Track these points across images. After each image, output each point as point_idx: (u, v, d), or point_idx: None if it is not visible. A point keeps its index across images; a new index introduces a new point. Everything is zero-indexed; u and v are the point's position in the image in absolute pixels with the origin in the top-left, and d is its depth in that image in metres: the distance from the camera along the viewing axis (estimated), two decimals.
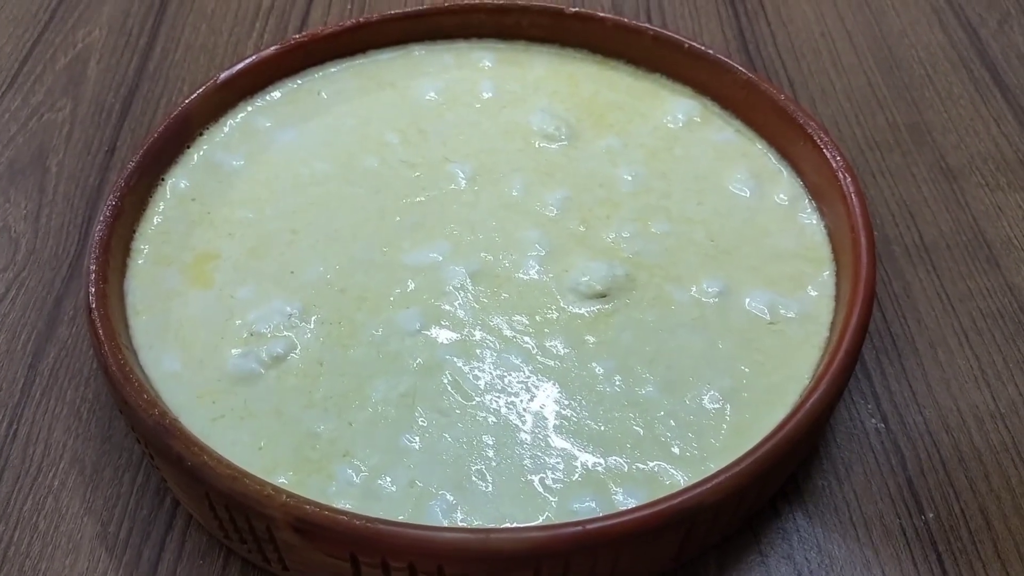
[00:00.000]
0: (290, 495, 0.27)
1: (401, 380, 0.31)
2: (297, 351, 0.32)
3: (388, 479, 0.29)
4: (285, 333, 0.33)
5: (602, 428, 0.30)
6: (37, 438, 0.34)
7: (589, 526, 0.26)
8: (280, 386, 0.32)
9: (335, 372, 0.32)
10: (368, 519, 0.26)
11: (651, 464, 0.30)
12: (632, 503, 0.29)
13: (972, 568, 0.31)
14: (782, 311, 0.34)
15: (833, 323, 0.33)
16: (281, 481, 0.29)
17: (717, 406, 0.31)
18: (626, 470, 0.30)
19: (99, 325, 0.31)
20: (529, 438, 0.30)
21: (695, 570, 0.31)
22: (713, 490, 0.27)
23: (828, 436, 0.34)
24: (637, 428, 0.30)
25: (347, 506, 0.28)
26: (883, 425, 0.35)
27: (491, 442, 0.30)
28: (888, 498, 0.33)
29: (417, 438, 0.30)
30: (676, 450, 0.30)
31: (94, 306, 0.31)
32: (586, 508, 0.29)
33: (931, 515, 0.32)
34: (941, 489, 0.33)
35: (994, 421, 0.35)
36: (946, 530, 0.32)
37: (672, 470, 0.30)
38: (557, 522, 0.27)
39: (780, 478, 0.32)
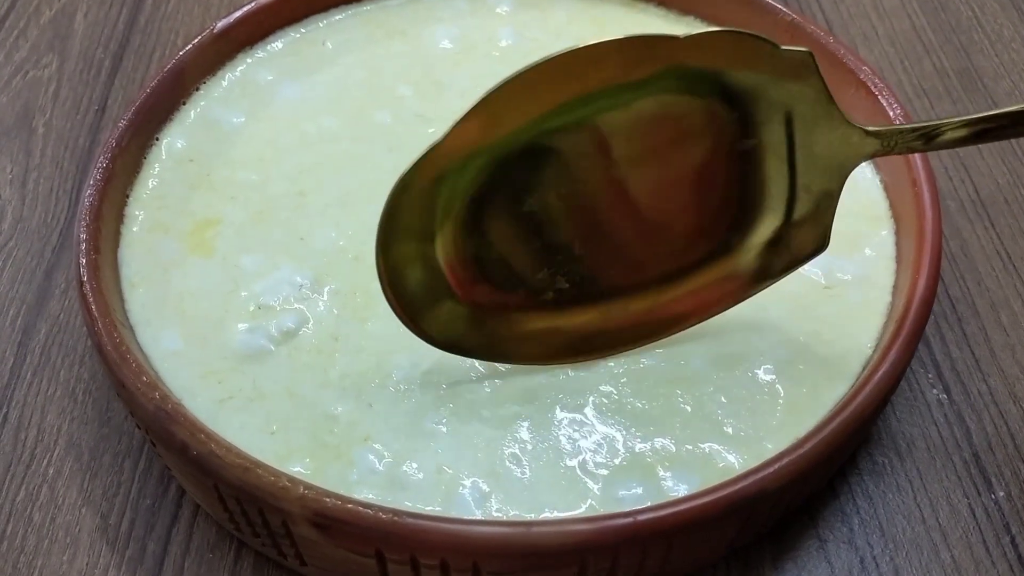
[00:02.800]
0: (308, 486, 0.24)
1: (425, 356, 0.29)
2: (309, 325, 0.30)
3: (414, 465, 0.27)
4: (296, 305, 0.30)
5: (646, 406, 0.28)
6: (29, 422, 0.32)
7: (640, 517, 0.24)
8: (292, 364, 0.29)
9: (352, 348, 0.29)
10: (395, 512, 0.24)
11: (702, 445, 0.27)
12: (683, 489, 0.26)
13: None
14: (838, 274, 0.31)
15: (896, 287, 0.30)
16: (296, 470, 0.26)
17: (771, 379, 0.28)
18: (674, 452, 0.27)
19: (92, 300, 0.28)
20: (567, 418, 0.28)
21: (749, 558, 0.28)
22: (776, 475, 0.25)
23: (887, 409, 0.31)
24: (685, 406, 0.28)
25: (370, 496, 0.26)
26: (945, 396, 0.32)
27: (526, 423, 0.27)
28: (954, 475, 0.30)
29: (444, 420, 0.28)
30: (729, 429, 0.27)
31: (85, 279, 0.28)
32: (632, 495, 0.26)
33: (1001, 493, 0.30)
34: (1011, 464, 0.30)
35: None
36: (1018, 509, 0.29)
37: (725, 452, 0.27)
38: (603, 512, 0.25)
39: (843, 458, 0.29)
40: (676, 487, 0.26)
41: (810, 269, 0.31)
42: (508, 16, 0.39)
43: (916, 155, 0.31)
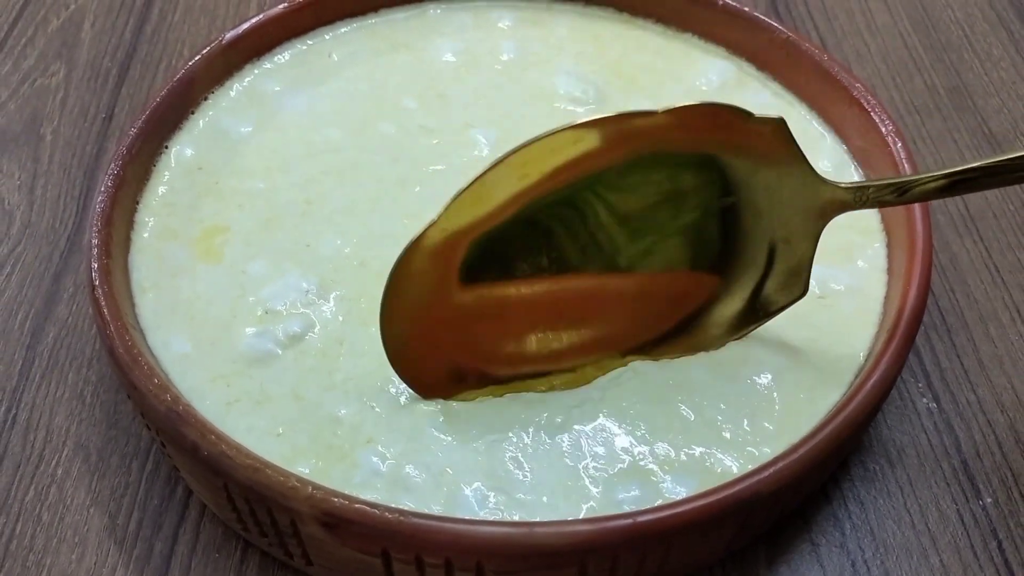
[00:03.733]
0: (316, 487, 0.25)
1: None
2: (316, 330, 0.30)
3: (416, 467, 0.27)
4: (302, 310, 0.31)
5: (647, 412, 0.28)
6: (38, 424, 0.32)
7: (640, 518, 0.24)
8: (298, 367, 0.29)
9: (357, 352, 0.30)
10: (402, 512, 0.24)
11: (700, 450, 0.28)
12: (681, 492, 0.27)
13: None
14: (832, 284, 0.32)
15: (887, 297, 0.31)
16: (302, 470, 0.27)
17: (769, 386, 0.29)
18: (673, 456, 0.28)
19: (104, 304, 0.29)
20: (568, 422, 0.28)
21: (744, 560, 0.29)
22: (771, 478, 0.25)
23: (879, 417, 0.32)
24: (686, 412, 0.28)
25: (376, 498, 0.26)
26: (935, 405, 0.33)
27: (527, 428, 0.28)
28: (943, 482, 0.31)
29: (446, 423, 0.28)
30: (727, 435, 0.28)
31: (97, 283, 0.29)
32: (632, 497, 0.27)
33: (989, 500, 0.30)
34: (999, 472, 0.31)
35: None
36: (1006, 516, 0.30)
37: (723, 456, 0.28)
38: (604, 514, 0.25)
39: (836, 463, 0.30)
40: (675, 489, 0.27)
41: None
42: (510, 30, 0.40)
43: (908, 171, 0.32)
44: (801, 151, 0.28)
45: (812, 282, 0.32)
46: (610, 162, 0.28)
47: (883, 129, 0.34)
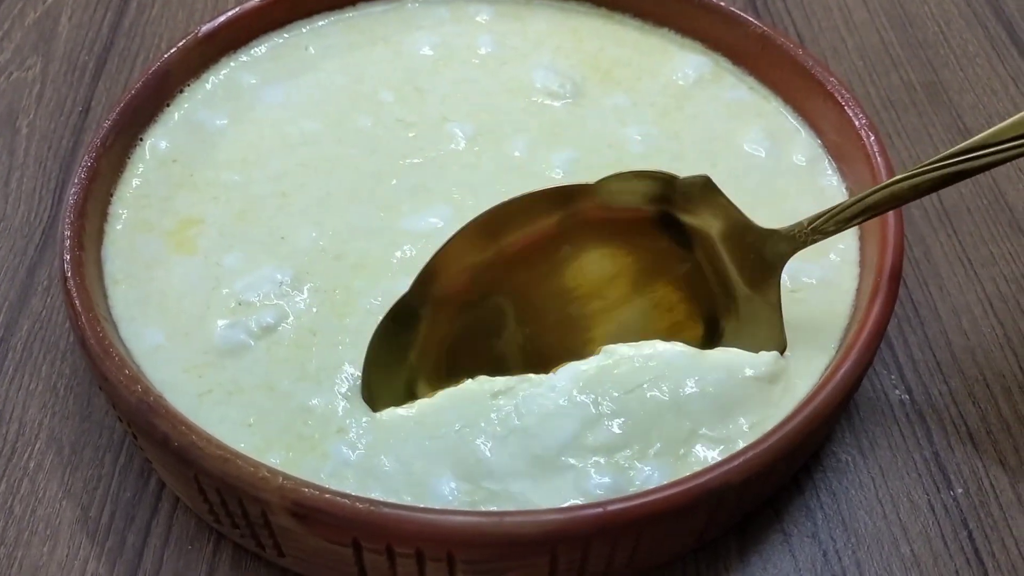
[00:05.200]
0: (287, 477, 0.25)
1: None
2: (289, 321, 0.30)
3: (387, 458, 0.27)
4: (275, 302, 0.31)
5: (621, 398, 0.28)
6: (11, 416, 0.32)
7: (609, 507, 0.25)
8: (270, 358, 0.29)
9: (329, 343, 0.30)
10: (372, 502, 0.24)
11: (677, 440, 0.28)
12: (655, 480, 0.27)
13: (1004, 545, 0.30)
14: (804, 278, 0.32)
15: (858, 290, 0.31)
16: (273, 461, 0.27)
17: (743, 379, 0.29)
18: (647, 444, 0.28)
19: (76, 295, 0.29)
20: (540, 410, 0.28)
21: (715, 551, 0.29)
22: (740, 468, 0.25)
23: (851, 409, 0.32)
24: (662, 399, 0.28)
25: (347, 488, 0.26)
26: (907, 396, 0.33)
27: (496, 415, 0.28)
28: (915, 473, 0.31)
29: (415, 412, 0.28)
30: (702, 427, 0.28)
31: (70, 275, 0.29)
32: (603, 484, 0.27)
33: (960, 490, 0.31)
34: (970, 463, 0.31)
35: (1022, 391, 0.33)
36: (976, 506, 0.30)
37: (697, 446, 0.28)
38: (575, 503, 0.25)
39: (806, 454, 0.30)
40: (649, 478, 0.27)
41: None
42: (488, 24, 0.40)
43: (881, 164, 0.33)
44: (732, 203, 0.29)
45: (784, 276, 0.32)
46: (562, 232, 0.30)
47: (857, 123, 0.34)
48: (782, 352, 0.30)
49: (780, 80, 0.37)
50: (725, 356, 0.29)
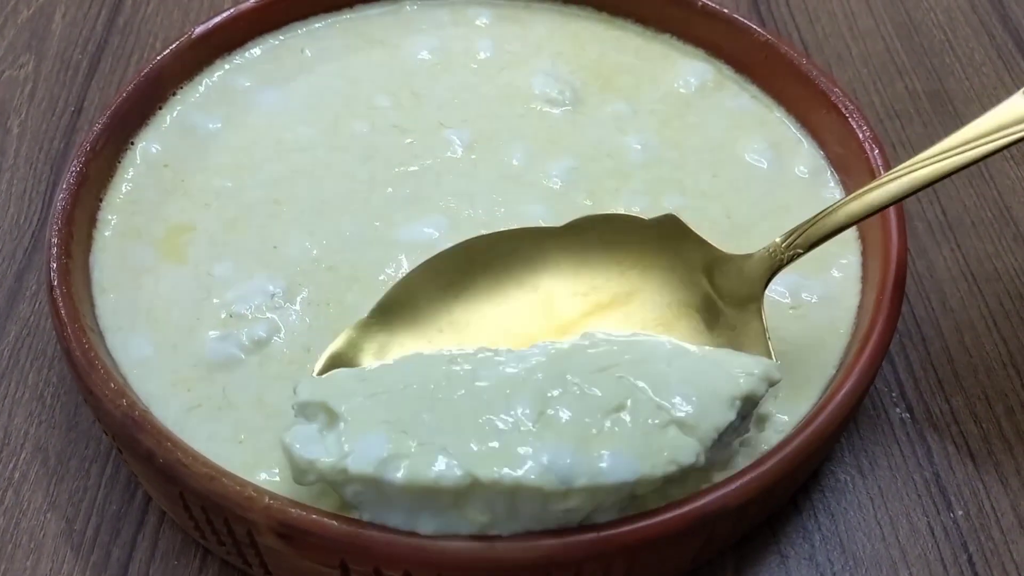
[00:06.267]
0: (273, 496, 0.24)
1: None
2: (281, 334, 0.30)
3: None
4: (268, 315, 0.30)
5: (593, 375, 0.26)
6: None
7: (604, 532, 0.24)
8: (262, 373, 0.29)
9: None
10: (361, 524, 0.24)
11: (655, 433, 0.26)
12: (615, 464, 0.24)
13: (1005, 570, 0.29)
14: (804, 295, 0.31)
15: (860, 307, 0.31)
16: (263, 478, 0.26)
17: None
18: (618, 432, 0.25)
19: (61, 305, 0.28)
20: (498, 377, 0.26)
21: (711, 572, 0.29)
22: (738, 492, 0.25)
23: (851, 427, 0.32)
24: (637, 381, 0.26)
25: (338, 508, 0.26)
26: (908, 415, 0.32)
27: (447, 379, 0.26)
28: (915, 494, 0.31)
29: (362, 370, 0.27)
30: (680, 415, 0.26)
31: (56, 283, 0.28)
32: (561, 458, 0.23)
33: (960, 512, 0.30)
34: (971, 484, 0.31)
35: None
36: (976, 529, 0.30)
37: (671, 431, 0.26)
38: (567, 527, 0.25)
39: (805, 475, 0.30)
40: (611, 465, 0.24)
41: (776, 289, 0.31)
42: (487, 28, 0.40)
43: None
44: (700, 237, 0.29)
45: (784, 292, 0.31)
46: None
47: (861, 135, 0.33)
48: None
49: (783, 89, 0.37)
50: (715, 352, 0.28)
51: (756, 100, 0.37)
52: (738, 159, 0.35)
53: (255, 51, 0.38)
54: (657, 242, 0.29)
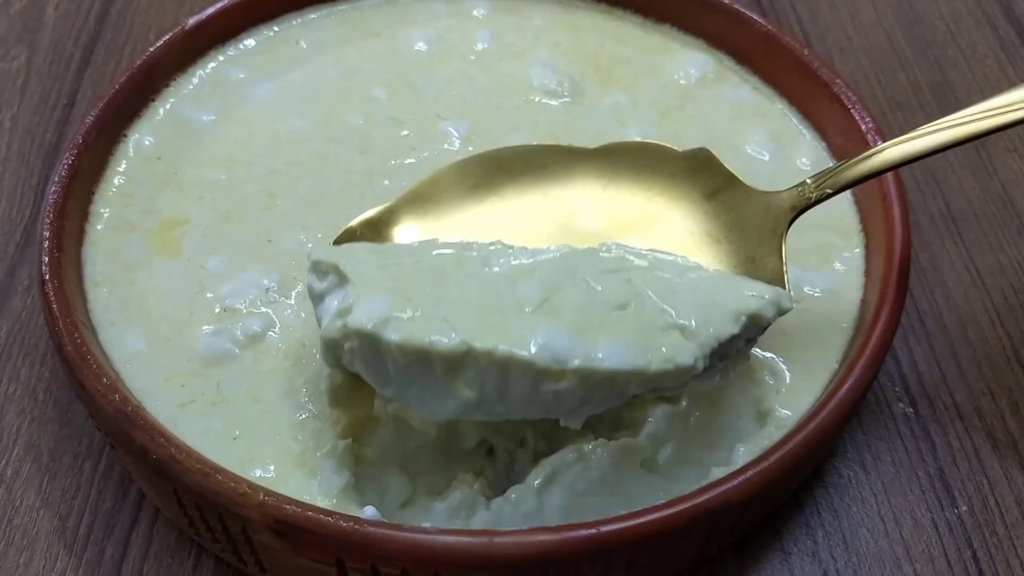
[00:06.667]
0: (269, 493, 0.24)
1: None
2: (276, 329, 0.29)
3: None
4: (262, 309, 0.30)
5: (605, 275, 0.26)
6: None
7: (604, 528, 0.24)
8: (257, 368, 0.28)
9: (319, 353, 0.29)
10: (357, 520, 0.24)
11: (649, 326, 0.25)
12: (612, 356, 0.24)
13: (1009, 566, 0.29)
14: (806, 289, 0.31)
15: (864, 301, 0.30)
16: (258, 474, 0.26)
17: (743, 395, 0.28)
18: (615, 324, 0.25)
19: (53, 299, 0.28)
20: (509, 267, 0.26)
21: (712, 569, 0.28)
22: (740, 487, 0.25)
23: (854, 422, 0.32)
24: (647, 287, 0.26)
25: (336, 505, 0.25)
26: (912, 410, 0.32)
27: (458, 263, 0.26)
28: (919, 489, 0.30)
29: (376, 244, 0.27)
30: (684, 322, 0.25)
31: (47, 278, 0.28)
32: (559, 341, 0.24)
33: (964, 508, 0.30)
34: (974, 479, 0.31)
35: None
36: (980, 524, 0.30)
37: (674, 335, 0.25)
38: (567, 523, 0.24)
39: (808, 471, 0.29)
40: (608, 354, 0.24)
41: None
42: (485, 19, 0.39)
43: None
44: (731, 173, 0.29)
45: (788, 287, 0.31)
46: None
47: (863, 127, 0.33)
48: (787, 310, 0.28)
49: (785, 80, 0.36)
50: (728, 275, 0.28)
51: (757, 91, 0.37)
52: (739, 151, 0.35)
53: (249, 42, 0.37)
54: (687, 173, 0.29)
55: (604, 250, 0.27)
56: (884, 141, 0.32)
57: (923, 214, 0.38)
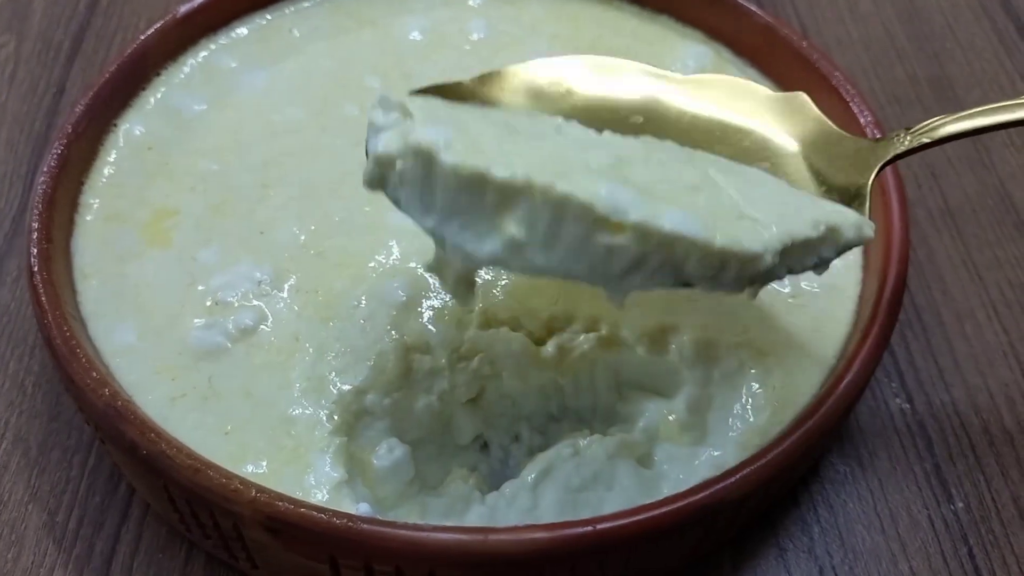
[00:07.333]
0: (261, 489, 0.24)
1: (388, 360, 0.28)
2: (268, 323, 0.29)
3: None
4: (254, 302, 0.29)
5: (670, 161, 0.25)
6: None
7: (599, 526, 0.23)
8: (250, 362, 0.28)
9: (314, 349, 0.28)
10: (350, 517, 0.23)
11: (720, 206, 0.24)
12: (685, 223, 0.22)
13: (1005, 563, 0.29)
14: (805, 284, 0.31)
15: (861, 296, 0.30)
16: (250, 470, 0.26)
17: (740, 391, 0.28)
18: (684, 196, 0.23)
19: (42, 291, 0.27)
20: (568, 140, 0.25)
21: (708, 566, 0.28)
22: (736, 485, 0.24)
23: (850, 418, 0.31)
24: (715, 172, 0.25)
25: (329, 501, 0.25)
26: (908, 405, 0.32)
27: (561, 167, 0.23)
28: (915, 486, 0.30)
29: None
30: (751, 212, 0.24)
31: (36, 269, 0.28)
32: (626, 197, 0.21)
33: (960, 504, 0.30)
34: (971, 476, 0.30)
35: None
36: (977, 521, 0.29)
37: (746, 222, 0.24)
38: (562, 520, 0.24)
39: (804, 468, 0.29)
40: (679, 223, 0.21)
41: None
42: (481, 8, 0.39)
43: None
44: (822, 117, 0.29)
45: (784, 282, 0.31)
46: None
47: (862, 120, 0.33)
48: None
49: (783, 73, 0.36)
50: (812, 196, 0.27)
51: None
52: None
53: (242, 31, 0.37)
54: (776, 114, 0.29)
55: (686, 148, 0.26)
56: (882, 134, 0.32)
57: (921, 208, 0.38)
